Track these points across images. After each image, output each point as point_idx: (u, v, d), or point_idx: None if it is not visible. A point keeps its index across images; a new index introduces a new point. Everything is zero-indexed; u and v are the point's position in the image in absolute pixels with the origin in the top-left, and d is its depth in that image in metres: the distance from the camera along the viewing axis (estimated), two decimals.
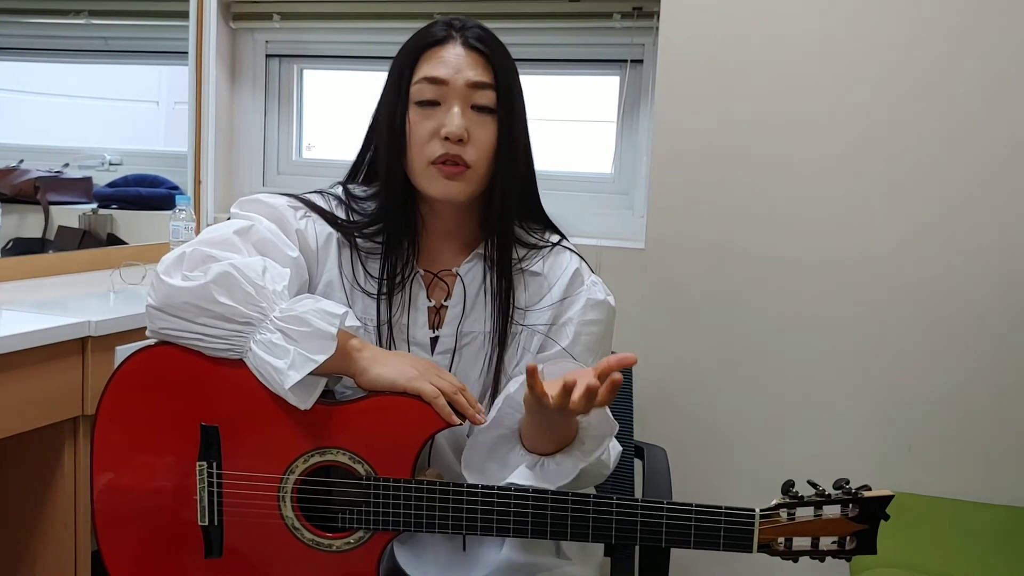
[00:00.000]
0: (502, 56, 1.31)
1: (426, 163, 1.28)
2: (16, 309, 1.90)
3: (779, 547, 1.16)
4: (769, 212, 2.26)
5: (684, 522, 1.17)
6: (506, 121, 1.30)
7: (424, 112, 1.28)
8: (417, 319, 1.36)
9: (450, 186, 1.29)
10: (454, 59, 1.28)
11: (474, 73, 1.28)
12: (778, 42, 2.22)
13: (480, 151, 1.29)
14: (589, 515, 1.18)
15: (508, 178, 1.32)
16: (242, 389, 1.21)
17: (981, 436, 2.16)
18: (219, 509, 1.22)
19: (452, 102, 1.27)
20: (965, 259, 2.14)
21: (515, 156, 1.32)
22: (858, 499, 1.15)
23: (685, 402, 2.36)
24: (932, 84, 2.13)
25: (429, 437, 1.21)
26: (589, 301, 1.36)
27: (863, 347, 2.23)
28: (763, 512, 1.16)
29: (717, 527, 1.16)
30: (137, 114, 2.82)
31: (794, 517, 1.16)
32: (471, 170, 1.29)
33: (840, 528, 1.16)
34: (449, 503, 1.20)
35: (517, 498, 1.19)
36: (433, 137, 1.27)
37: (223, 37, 2.83)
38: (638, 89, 2.56)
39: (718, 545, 1.16)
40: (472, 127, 1.28)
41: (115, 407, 1.24)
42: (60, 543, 1.82)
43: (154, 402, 1.23)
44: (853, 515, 1.16)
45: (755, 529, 1.16)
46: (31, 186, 2.36)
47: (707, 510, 1.16)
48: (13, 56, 2.46)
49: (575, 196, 2.61)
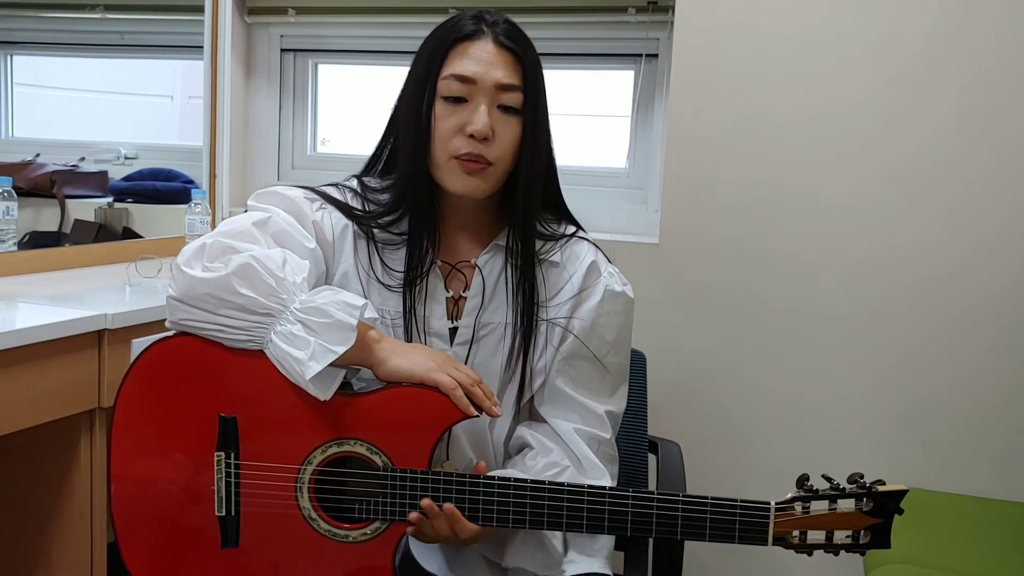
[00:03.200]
0: (531, 55, 1.32)
1: (448, 157, 1.29)
2: (33, 302, 1.91)
3: (794, 540, 1.16)
4: (784, 207, 2.26)
5: (700, 515, 1.17)
6: (531, 121, 1.31)
7: (450, 107, 1.28)
8: (435, 310, 1.36)
9: (470, 181, 1.29)
10: (484, 56, 1.28)
11: (503, 74, 1.28)
12: (793, 36, 2.22)
13: (503, 149, 1.29)
14: (605, 508, 1.18)
15: (531, 176, 1.33)
16: (260, 380, 1.21)
17: (995, 432, 2.15)
18: (236, 500, 1.23)
19: (479, 100, 1.27)
20: (980, 255, 2.13)
21: (538, 154, 1.33)
22: (872, 493, 1.15)
23: (699, 397, 2.36)
24: (948, 78, 2.12)
25: (447, 428, 1.21)
26: (607, 293, 1.37)
27: (877, 343, 2.22)
28: (778, 505, 1.16)
29: (732, 520, 1.16)
30: (152, 108, 2.83)
31: (809, 511, 1.16)
32: (492, 167, 1.29)
33: (854, 522, 1.16)
34: (466, 494, 1.20)
35: (534, 490, 1.19)
36: (458, 133, 1.28)
37: (238, 31, 2.84)
38: (653, 83, 2.55)
39: (733, 538, 1.16)
40: (497, 125, 1.28)
41: (134, 397, 1.24)
42: (76, 535, 1.83)
43: (173, 392, 1.23)
44: (867, 509, 1.16)
45: (770, 522, 1.16)
46: (47, 180, 2.37)
47: (723, 503, 1.16)
48: (29, 51, 2.47)
49: (589, 191, 2.61)
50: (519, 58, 1.30)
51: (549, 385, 1.37)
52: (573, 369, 1.37)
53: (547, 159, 1.37)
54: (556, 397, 1.38)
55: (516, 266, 1.35)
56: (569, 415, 1.37)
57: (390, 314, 1.35)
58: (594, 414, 1.36)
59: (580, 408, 1.37)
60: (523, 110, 1.30)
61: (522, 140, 1.31)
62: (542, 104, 1.33)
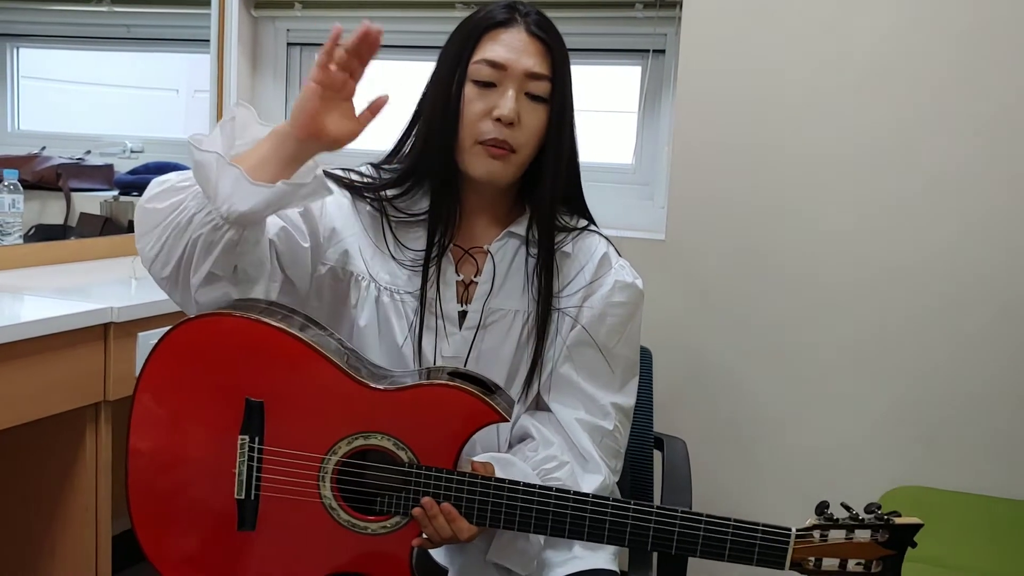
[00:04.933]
0: (561, 47, 1.34)
1: (473, 141, 1.30)
2: (39, 295, 1.91)
3: (809, 566, 1.18)
4: (790, 205, 2.25)
5: (721, 536, 1.17)
6: (558, 112, 1.33)
7: (479, 91, 1.30)
8: (446, 293, 1.37)
9: (493, 166, 1.31)
10: (516, 44, 1.30)
11: (533, 63, 1.30)
12: (802, 31, 2.21)
13: (528, 136, 1.31)
14: (628, 521, 1.19)
15: (557, 166, 1.35)
16: (291, 367, 1.21)
17: (1001, 431, 2.15)
18: (257, 484, 1.23)
19: (508, 85, 1.29)
20: (985, 251, 2.13)
21: (563, 145, 1.35)
22: (889, 525, 1.16)
23: (705, 394, 2.36)
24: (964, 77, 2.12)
25: (476, 430, 1.22)
26: (617, 283, 1.39)
27: (885, 342, 2.21)
28: (799, 532, 1.17)
29: (753, 544, 1.17)
30: (158, 102, 2.83)
31: (827, 538, 1.17)
32: (516, 154, 1.31)
33: (869, 552, 1.17)
34: (489, 497, 1.20)
35: (558, 499, 1.20)
36: (485, 117, 1.29)
37: (244, 25, 2.84)
38: (660, 79, 2.55)
39: (752, 560, 1.17)
40: (524, 112, 1.30)
41: (159, 374, 1.24)
42: (81, 527, 1.84)
43: (200, 370, 1.23)
44: (883, 540, 1.17)
45: (790, 548, 1.16)
46: (53, 173, 2.37)
47: (744, 526, 1.17)
48: (36, 43, 2.47)
49: (596, 186, 2.58)
50: (550, 48, 1.32)
51: (555, 373, 1.38)
52: (580, 357, 1.38)
53: (571, 151, 1.39)
54: (562, 385, 1.39)
55: (533, 255, 1.37)
56: (573, 404, 1.38)
57: (399, 291, 1.36)
58: (598, 404, 1.37)
59: (584, 397, 1.38)
60: (551, 100, 1.32)
61: (547, 130, 1.33)
62: (569, 96, 1.35)
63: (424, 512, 1.20)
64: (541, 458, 1.32)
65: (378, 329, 1.37)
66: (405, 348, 1.36)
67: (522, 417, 1.40)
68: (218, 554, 1.25)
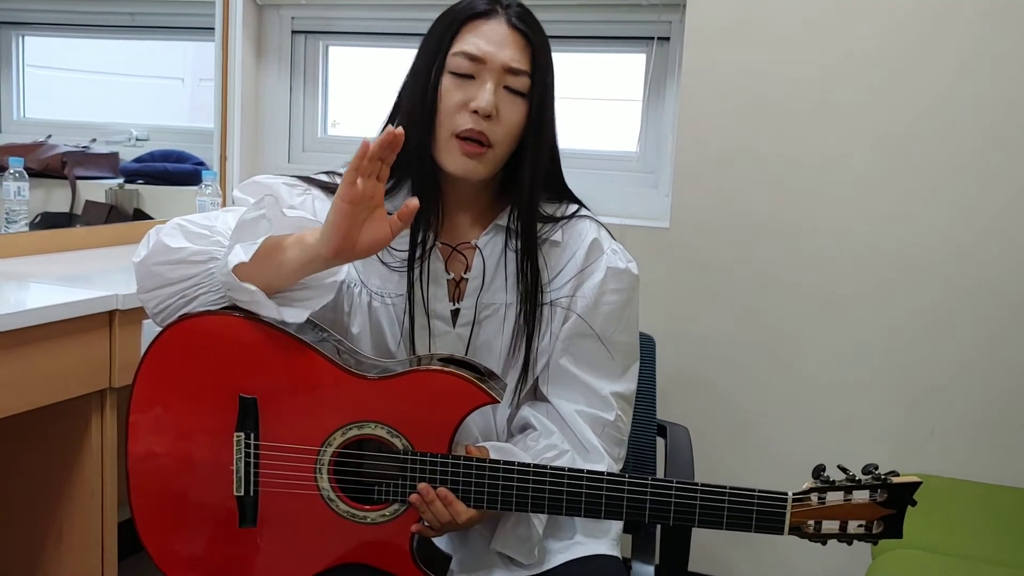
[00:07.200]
0: (542, 39, 1.32)
1: (450, 134, 1.28)
2: (44, 282, 1.92)
3: (808, 530, 1.18)
4: (796, 193, 2.25)
5: (718, 504, 1.17)
6: (537, 107, 1.31)
7: (457, 82, 1.28)
8: (437, 292, 1.36)
9: (468, 164, 1.29)
10: (496, 36, 1.28)
11: (513, 56, 1.28)
12: (807, 19, 2.20)
13: (505, 130, 1.29)
14: (624, 495, 1.19)
15: (536, 161, 1.32)
16: (282, 362, 1.22)
17: (1005, 419, 2.15)
18: (255, 480, 1.24)
19: (486, 78, 1.27)
20: (989, 238, 2.13)
21: (543, 139, 1.33)
22: (887, 484, 1.16)
23: (708, 381, 2.36)
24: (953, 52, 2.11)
25: (468, 413, 1.22)
26: (610, 270, 1.37)
27: (887, 329, 2.22)
28: (795, 496, 1.16)
29: (750, 509, 1.17)
30: (163, 90, 2.83)
31: (824, 501, 1.17)
32: (492, 150, 1.29)
33: (868, 512, 1.17)
34: (485, 479, 1.21)
35: (553, 476, 1.20)
36: (462, 109, 1.27)
37: (249, 13, 2.83)
38: (664, 67, 2.54)
39: (750, 527, 1.17)
40: (502, 105, 1.28)
41: (153, 374, 1.24)
42: (87, 514, 1.85)
43: (192, 371, 1.24)
44: (881, 500, 1.16)
45: (787, 512, 1.16)
46: (59, 161, 2.37)
47: (741, 492, 1.17)
48: (41, 32, 2.47)
49: (600, 174, 2.60)
50: (530, 41, 1.30)
51: (553, 365, 1.37)
52: (577, 348, 1.36)
53: (552, 145, 1.37)
54: (560, 377, 1.37)
55: (516, 249, 1.35)
56: (573, 396, 1.37)
57: (390, 295, 1.35)
58: (598, 395, 1.36)
59: (584, 389, 1.36)
60: (530, 95, 1.30)
61: (527, 125, 1.31)
62: (549, 90, 1.33)
63: (421, 498, 1.21)
64: (542, 447, 1.32)
65: (371, 335, 1.36)
66: (399, 353, 1.36)
67: (523, 408, 1.40)
68: (222, 553, 1.26)
